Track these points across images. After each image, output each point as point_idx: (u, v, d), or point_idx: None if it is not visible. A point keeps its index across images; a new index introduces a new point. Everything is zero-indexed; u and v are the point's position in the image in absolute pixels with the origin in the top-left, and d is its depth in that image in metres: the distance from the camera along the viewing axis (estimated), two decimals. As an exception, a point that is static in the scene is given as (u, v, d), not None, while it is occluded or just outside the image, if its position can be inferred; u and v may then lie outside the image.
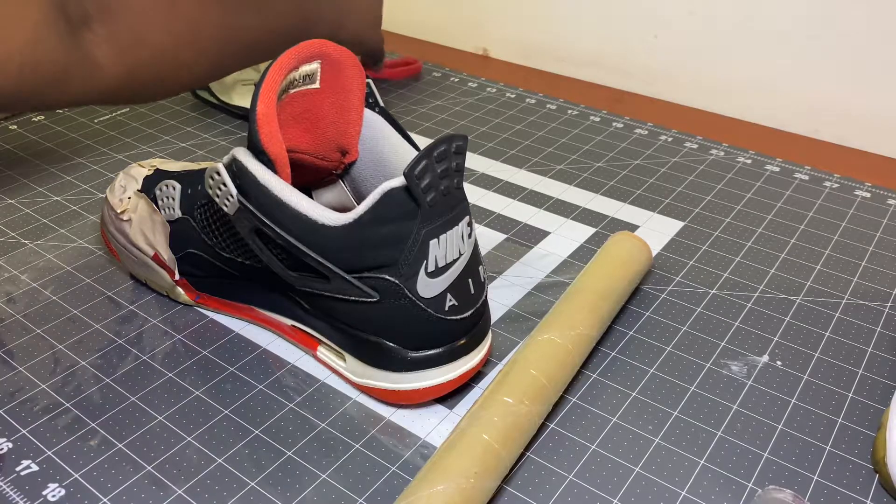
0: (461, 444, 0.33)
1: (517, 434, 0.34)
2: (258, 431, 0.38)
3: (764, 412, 0.39)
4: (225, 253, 0.42)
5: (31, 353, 0.43)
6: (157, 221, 0.44)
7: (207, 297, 0.45)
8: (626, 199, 0.58)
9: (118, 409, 0.39)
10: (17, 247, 0.52)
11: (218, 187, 0.38)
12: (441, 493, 0.31)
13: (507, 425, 0.34)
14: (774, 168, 0.62)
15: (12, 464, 0.36)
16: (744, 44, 0.70)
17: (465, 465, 0.32)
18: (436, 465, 0.33)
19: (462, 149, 0.35)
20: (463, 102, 0.74)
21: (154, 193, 0.45)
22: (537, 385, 0.36)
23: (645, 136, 0.67)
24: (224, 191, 0.38)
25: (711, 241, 0.53)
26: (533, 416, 0.36)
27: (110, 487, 0.35)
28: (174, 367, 0.42)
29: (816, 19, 0.65)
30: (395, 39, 0.90)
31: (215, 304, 0.45)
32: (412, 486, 0.32)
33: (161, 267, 0.45)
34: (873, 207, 0.57)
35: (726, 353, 0.43)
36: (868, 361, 0.43)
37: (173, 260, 0.44)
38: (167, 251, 0.44)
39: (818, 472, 0.36)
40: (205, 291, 0.44)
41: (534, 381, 0.36)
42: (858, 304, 0.47)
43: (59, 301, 0.47)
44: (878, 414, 0.39)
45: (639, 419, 0.39)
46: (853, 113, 0.66)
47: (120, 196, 0.47)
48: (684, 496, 0.35)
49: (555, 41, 0.81)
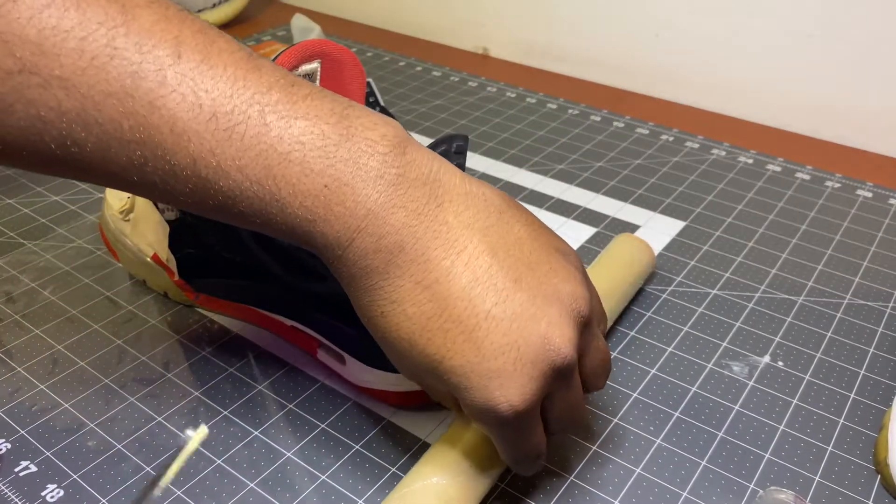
0: (457, 438, 0.33)
1: None
2: (257, 432, 0.38)
3: (765, 413, 0.39)
4: (224, 253, 0.41)
5: (30, 354, 0.43)
6: (157, 221, 0.44)
7: (207, 298, 0.45)
8: (627, 199, 0.58)
9: (117, 410, 0.39)
10: (15, 247, 0.51)
11: None
12: (434, 485, 0.31)
13: None
14: (776, 168, 0.62)
15: (11, 464, 0.36)
16: (745, 43, 0.69)
17: (459, 459, 0.32)
18: (431, 458, 0.33)
19: (462, 149, 0.35)
20: (463, 102, 0.73)
21: None
22: None
23: (646, 135, 0.67)
24: None
25: (713, 241, 0.53)
26: None
27: (109, 488, 0.35)
28: (173, 367, 0.42)
29: (818, 18, 0.65)
30: (395, 39, 0.90)
31: (214, 305, 0.45)
32: (406, 479, 0.32)
33: (160, 267, 0.45)
34: (875, 207, 0.57)
35: (728, 354, 0.43)
36: (870, 362, 0.42)
37: (172, 260, 0.44)
38: (166, 251, 0.44)
39: (820, 472, 0.36)
40: (204, 292, 0.44)
41: None
42: (860, 304, 0.47)
43: (57, 301, 0.46)
44: (879, 414, 0.39)
45: (640, 420, 0.39)
46: (855, 112, 0.66)
47: (119, 195, 0.47)
48: (685, 497, 0.35)
49: (555, 40, 0.81)
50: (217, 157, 0.26)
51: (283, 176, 0.27)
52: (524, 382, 0.28)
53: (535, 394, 0.28)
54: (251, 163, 0.26)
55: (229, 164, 0.26)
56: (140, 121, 0.26)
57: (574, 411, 0.31)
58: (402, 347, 0.28)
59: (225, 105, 0.26)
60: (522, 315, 0.28)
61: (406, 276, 0.28)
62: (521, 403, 0.28)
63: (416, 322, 0.28)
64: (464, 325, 0.28)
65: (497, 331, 0.28)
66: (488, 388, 0.28)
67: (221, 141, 0.26)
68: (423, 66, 0.82)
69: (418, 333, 0.28)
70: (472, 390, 0.28)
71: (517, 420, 0.28)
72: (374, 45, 0.87)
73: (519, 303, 0.28)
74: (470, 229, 0.29)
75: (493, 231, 0.29)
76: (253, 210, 0.27)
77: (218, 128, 0.26)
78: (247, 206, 0.27)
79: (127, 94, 0.25)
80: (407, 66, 0.82)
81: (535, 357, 0.28)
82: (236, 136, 0.26)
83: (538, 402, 0.29)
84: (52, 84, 0.25)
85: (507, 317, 0.28)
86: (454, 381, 0.28)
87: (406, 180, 0.28)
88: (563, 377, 0.29)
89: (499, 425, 0.29)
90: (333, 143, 0.27)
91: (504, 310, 0.28)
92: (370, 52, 0.85)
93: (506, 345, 0.28)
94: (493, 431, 0.30)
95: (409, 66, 0.82)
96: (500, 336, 0.28)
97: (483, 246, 0.28)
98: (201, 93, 0.26)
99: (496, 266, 0.28)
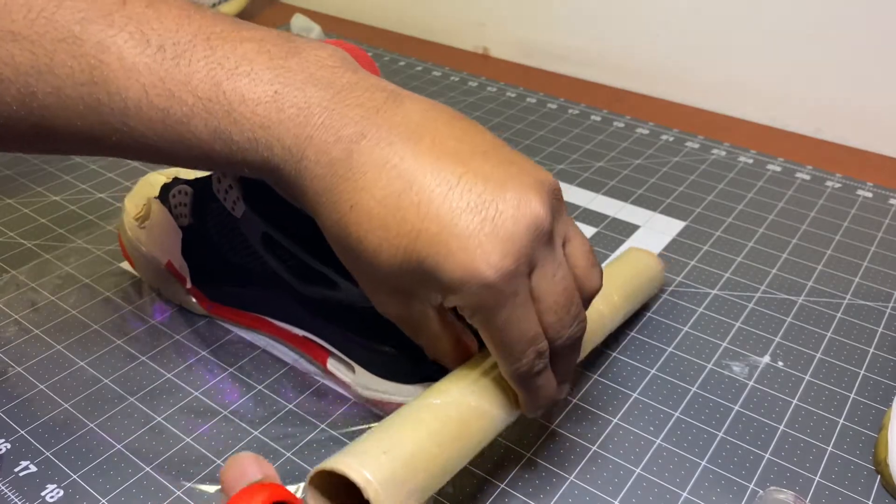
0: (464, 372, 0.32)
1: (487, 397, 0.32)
2: (257, 432, 0.38)
3: (765, 413, 0.39)
4: (235, 259, 0.41)
5: (30, 354, 0.42)
6: (171, 228, 0.43)
7: (219, 308, 0.44)
8: (628, 199, 0.58)
9: (116, 410, 0.39)
10: (14, 247, 0.51)
11: (225, 190, 0.38)
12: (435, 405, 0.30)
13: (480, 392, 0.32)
14: (776, 168, 0.62)
15: (11, 465, 0.36)
16: (745, 43, 0.69)
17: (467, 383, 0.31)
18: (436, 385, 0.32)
19: None
20: (463, 102, 0.73)
21: (168, 199, 0.44)
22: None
23: (646, 135, 0.67)
24: (231, 193, 0.37)
25: (713, 242, 0.53)
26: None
27: (109, 489, 0.35)
28: (173, 367, 0.42)
29: (818, 18, 0.65)
30: (395, 39, 0.90)
31: (227, 315, 0.44)
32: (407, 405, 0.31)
33: (174, 275, 0.44)
34: (875, 207, 0.57)
35: (728, 354, 0.43)
36: (870, 362, 0.42)
37: (185, 267, 0.43)
38: (179, 258, 0.43)
39: (820, 473, 0.36)
40: (217, 300, 0.44)
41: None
42: (860, 304, 0.47)
43: (57, 301, 0.46)
44: (879, 415, 0.39)
45: (640, 420, 0.39)
46: (855, 112, 0.66)
47: (136, 201, 0.47)
48: (685, 497, 0.35)
49: (555, 40, 0.81)
50: (167, 83, 0.27)
51: (232, 89, 0.27)
52: (504, 240, 0.27)
53: (517, 255, 0.27)
54: (200, 83, 0.27)
55: (180, 87, 0.27)
56: (91, 62, 0.27)
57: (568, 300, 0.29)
58: (374, 243, 0.27)
59: (171, 38, 0.27)
60: (494, 179, 0.27)
61: (370, 162, 0.27)
62: (503, 262, 0.27)
63: (386, 205, 0.27)
64: (436, 193, 0.27)
65: (471, 193, 0.27)
66: (467, 248, 0.26)
67: (170, 68, 0.27)
68: (423, 66, 0.82)
69: (390, 216, 0.27)
70: (451, 256, 0.27)
71: (503, 284, 0.27)
72: (374, 45, 0.87)
73: (490, 169, 0.28)
74: (434, 121, 0.28)
75: (458, 124, 0.29)
76: (210, 131, 0.28)
77: (166, 57, 0.27)
78: (203, 128, 0.28)
79: (76, 38, 0.27)
80: (407, 65, 0.82)
81: (514, 215, 0.27)
82: (184, 62, 0.27)
83: (522, 269, 0.27)
84: (6, 39, 0.27)
85: (479, 181, 0.27)
86: (432, 257, 0.27)
87: (360, 87, 0.28)
88: (543, 243, 0.28)
89: (485, 298, 0.27)
90: (281, 57, 0.28)
91: (475, 175, 0.27)
92: (370, 52, 0.85)
93: (481, 203, 0.27)
94: (482, 314, 0.28)
95: (409, 66, 0.82)
96: (476, 196, 0.27)
97: (448, 130, 0.28)
98: (148, 30, 0.27)
99: (464, 144, 0.28)
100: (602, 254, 0.51)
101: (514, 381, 0.30)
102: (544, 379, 0.31)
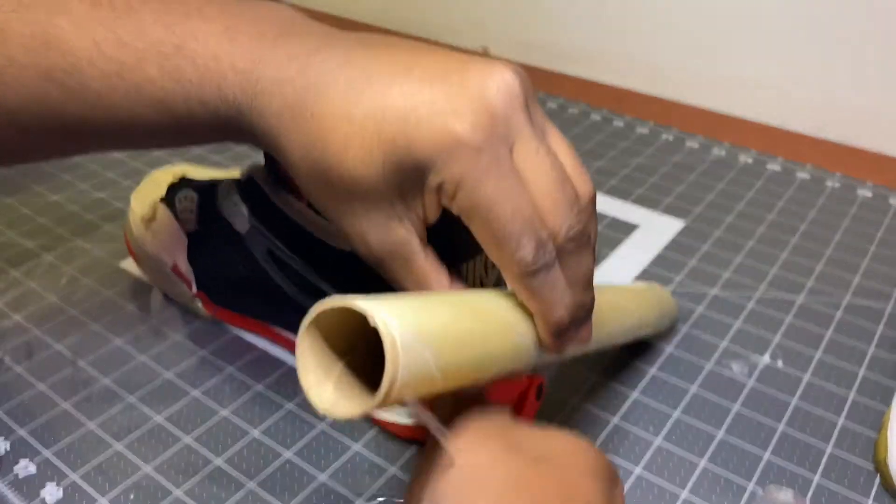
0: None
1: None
2: (257, 432, 0.38)
3: (765, 412, 0.39)
4: (240, 270, 0.41)
5: (29, 354, 0.42)
6: (177, 232, 0.43)
7: (224, 312, 0.44)
8: (627, 198, 0.58)
9: (116, 410, 0.39)
10: (14, 247, 0.51)
11: (231, 205, 0.38)
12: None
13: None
14: (776, 167, 0.62)
15: (10, 464, 0.36)
16: (745, 42, 0.69)
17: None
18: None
19: None
20: (463, 101, 0.73)
21: (175, 203, 0.44)
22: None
23: (646, 134, 0.67)
24: (236, 209, 0.37)
25: (713, 241, 0.53)
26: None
27: (108, 488, 0.35)
28: (172, 368, 0.42)
29: (819, 17, 0.65)
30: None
31: (232, 321, 0.44)
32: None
33: (180, 278, 0.44)
34: (875, 207, 0.57)
35: (727, 354, 0.43)
36: (870, 362, 0.42)
37: (191, 271, 0.43)
38: (185, 262, 0.43)
39: (819, 472, 0.36)
40: (221, 305, 0.43)
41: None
42: (860, 303, 0.47)
43: (57, 301, 0.46)
44: (879, 414, 0.39)
45: (639, 420, 0.39)
46: (855, 112, 0.66)
47: (143, 201, 0.46)
48: (685, 497, 0.35)
49: (555, 39, 0.81)
50: (118, 32, 0.28)
51: (183, 29, 0.28)
52: (474, 98, 0.25)
53: (491, 112, 0.25)
54: (151, 27, 0.28)
55: (132, 35, 0.28)
56: (43, 27, 0.28)
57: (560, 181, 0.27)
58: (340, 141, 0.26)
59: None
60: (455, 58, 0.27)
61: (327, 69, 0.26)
62: (477, 117, 0.25)
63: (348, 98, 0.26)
64: (398, 76, 0.26)
65: (435, 66, 0.26)
66: (437, 112, 0.25)
67: (122, 20, 0.28)
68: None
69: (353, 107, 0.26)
70: (420, 124, 0.25)
71: (481, 141, 0.25)
72: (373, 45, 0.87)
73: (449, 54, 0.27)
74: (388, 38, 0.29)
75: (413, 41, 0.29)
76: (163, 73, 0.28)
77: (118, 13, 0.28)
78: (156, 71, 0.28)
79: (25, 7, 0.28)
80: (407, 65, 0.82)
81: (481, 79, 0.26)
82: (134, 13, 0.28)
83: (500, 130, 0.26)
84: None
85: (441, 58, 0.27)
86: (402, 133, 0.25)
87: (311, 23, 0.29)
88: (518, 109, 0.26)
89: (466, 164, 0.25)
90: (233, 4, 0.29)
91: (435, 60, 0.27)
92: (370, 52, 0.85)
93: (447, 71, 0.26)
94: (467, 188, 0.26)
95: (408, 66, 0.82)
96: (441, 66, 0.26)
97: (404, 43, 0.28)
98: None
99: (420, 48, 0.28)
100: (603, 254, 0.51)
101: (519, 281, 0.27)
102: (553, 278, 0.27)
